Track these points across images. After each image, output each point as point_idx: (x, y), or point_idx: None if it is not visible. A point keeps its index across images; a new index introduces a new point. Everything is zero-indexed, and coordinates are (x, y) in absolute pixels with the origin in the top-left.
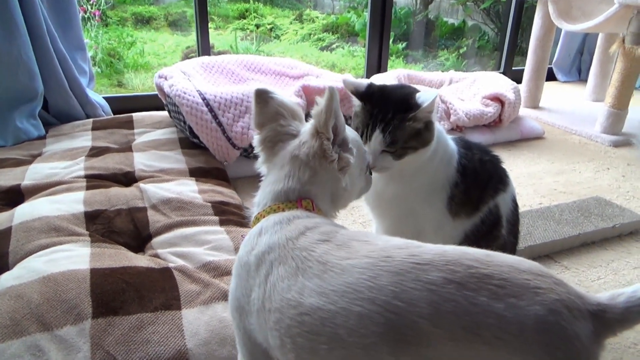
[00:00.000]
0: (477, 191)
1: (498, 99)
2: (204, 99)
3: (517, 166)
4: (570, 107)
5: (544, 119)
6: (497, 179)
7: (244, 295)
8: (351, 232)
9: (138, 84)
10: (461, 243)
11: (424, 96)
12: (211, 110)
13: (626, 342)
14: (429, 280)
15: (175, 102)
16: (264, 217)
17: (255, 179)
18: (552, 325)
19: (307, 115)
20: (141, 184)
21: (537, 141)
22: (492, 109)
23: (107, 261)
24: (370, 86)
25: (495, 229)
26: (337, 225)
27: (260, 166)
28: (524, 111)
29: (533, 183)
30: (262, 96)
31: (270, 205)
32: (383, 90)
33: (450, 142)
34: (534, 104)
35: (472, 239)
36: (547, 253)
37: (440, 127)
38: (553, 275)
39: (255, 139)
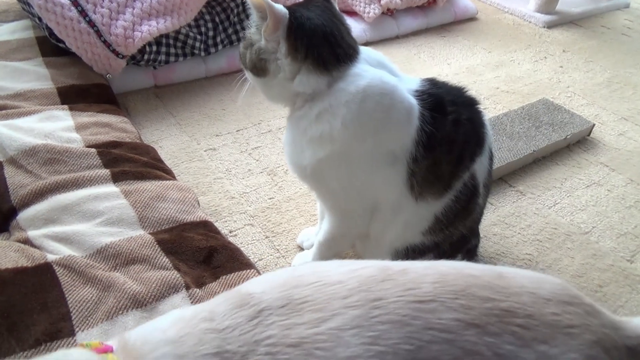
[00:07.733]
0: (449, 166)
1: None
2: None
3: (454, 57)
4: None
5: None
6: (475, 141)
7: None
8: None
9: None
10: (431, 227)
11: None
12: (76, 3)
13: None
14: (443, 325)
15: None
16: None
17: (149, 91)
18: None
19: None
20: None
21: (471, 23)
22: None
23: None
24: None
25: (472, 202)
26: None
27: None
28: None
29: (474, 81)
30: None
31: None
32: None
33: (404, 102)
34: None
35: (444, 222)
36: (501, 176)
37: (383, 79)
38: (582, 298)
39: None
